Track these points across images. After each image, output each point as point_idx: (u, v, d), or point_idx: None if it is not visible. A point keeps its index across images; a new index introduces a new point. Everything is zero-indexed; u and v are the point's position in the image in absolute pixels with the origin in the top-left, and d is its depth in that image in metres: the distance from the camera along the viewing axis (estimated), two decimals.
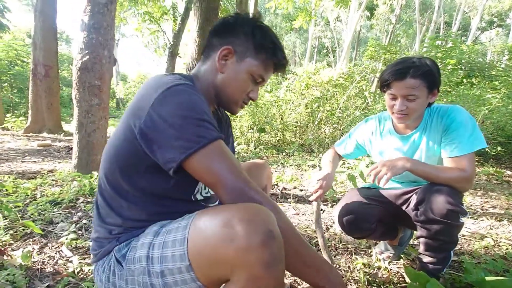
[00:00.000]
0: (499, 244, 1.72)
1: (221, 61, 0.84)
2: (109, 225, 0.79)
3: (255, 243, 0.55)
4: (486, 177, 3.61)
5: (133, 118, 0.72)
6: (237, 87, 0.85)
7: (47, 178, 2.67)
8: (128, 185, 0.76)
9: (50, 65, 6.66)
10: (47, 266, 1.31)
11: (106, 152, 0.81)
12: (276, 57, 0.86)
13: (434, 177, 1.13)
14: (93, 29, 2.50)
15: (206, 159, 0.68)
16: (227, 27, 0.86)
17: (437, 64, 1.16)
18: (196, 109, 0.70)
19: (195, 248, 0.61)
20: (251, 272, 0.56)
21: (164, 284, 0.66)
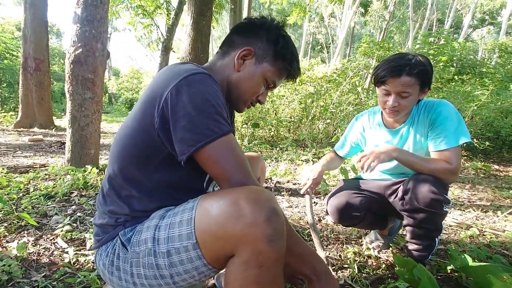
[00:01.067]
0: (483, 234, 1.79)
1: (239, 60, 0.86)
2: (114, 214, 0.80)
3: (260, 219, 0.59)
4: (474, 171, 3.71)
5: (150, 107, 0.73)
6: (249, 88, 0.88)
7: (40, 173, 2.65)
8: (143, 176, 0.77)
9: (41, 58, 6.55)
10: (43, 257, 1.33)
11: (118, 142, 0.81)
12: (292, 68, 0.90)
13: (420, 167, 1.18)
14: (86, 22, 2.48)
15: (214, 153, 0.70)
16: (252, 28, 0.88)
17: (431, 62, 1.19)
18: (211, 101, 0.71)
19: (202, 226, 0.65)
20: (255, 247, 0.59)
21: (170, 264, 0.68)
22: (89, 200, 2.04)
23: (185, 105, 0.69)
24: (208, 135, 0.69)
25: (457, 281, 1.25)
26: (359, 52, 7.80)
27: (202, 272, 0.69)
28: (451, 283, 1.25)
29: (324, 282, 0.77)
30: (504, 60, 9.51)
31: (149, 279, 0.72)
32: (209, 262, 0.67)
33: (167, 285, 0.73)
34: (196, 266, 0.68)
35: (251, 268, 0.60)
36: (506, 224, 1.98)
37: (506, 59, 9.91)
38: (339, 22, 17.59)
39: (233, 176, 0.71)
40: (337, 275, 1.28)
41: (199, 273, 0.69)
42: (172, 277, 0.70)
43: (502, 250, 1.57)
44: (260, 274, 0.60)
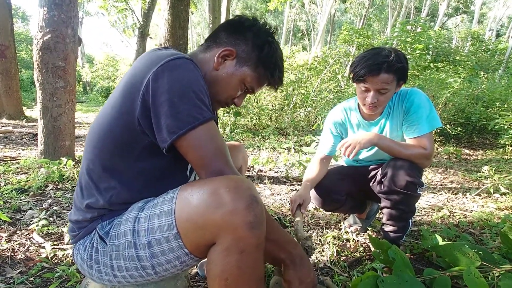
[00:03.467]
0: (453, 215, 1.90)
1: (220, 58, 0.83)
2: (92, 207, 0.77)
3: (241, 207, 0.60)
4: (447, 156, 3.89)
5: (130, 94, 0.70)
6: (225, 89, 0.85)
7: (11, 166, 2.53)
8: (123, 165, 0.75)
9: (5, 44, 6.12)
10: (18, 253, 1.28)
11: (95, 132, 0.77)
12: (273, 78, 0.88)
13: (398, 152, 1.23)
14: (54, 5, 2.33)
15: (195, 140, 0.69)
16: (240, 29, 0.85)
17: (406, 57, 1.21)
18: (193, 86, 0.69)
19: (182, 216, 0.64)
20: (236, 234, 0.60)
21: (151, 255, 0.68)
22: (65, 194, 1.97)
23: (166, 91, 0.67)
24: (189, 121, 0.68)
25: (428, 259, 1.34)
26: (339, 39, 7.86)
27: (184, 262, 0.70)
28: (423, 261, 1.33)
29: (299, 266, 0.80)
30: (475, 48, 9.88)
31: (130, 271, 0.72)
32: (191, 252, 0.67)
33: (149, 276, 0.73)
34: (178, 256, 0.68)
35: (232, 254, 0.61)
36: (473, 205, 2.11)
37: (478, 47, 10.31)
38: (320, 9, 17.54)
39: (212, 164, 0.70)
40: (317, 258, 1.33)
41: (180, 262, 0.70)
42: (153, 268, 0.70)
43: (469, 229, 1.68)
44: (241, 259, 0.61)
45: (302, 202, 1.29)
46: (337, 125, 1.46)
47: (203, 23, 22.91)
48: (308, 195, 1.34)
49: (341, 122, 1.45)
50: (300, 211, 1.28)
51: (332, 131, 1.48)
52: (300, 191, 1.34)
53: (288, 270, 0.80)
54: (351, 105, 1.43)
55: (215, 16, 9.59)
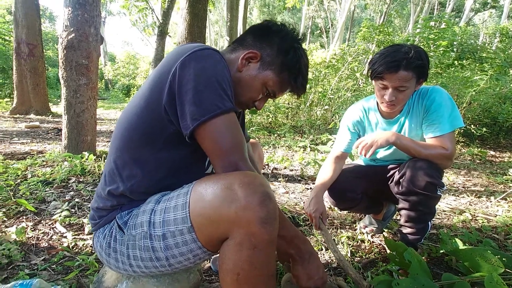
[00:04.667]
0: (476, 219, 1.82)
1: (244, 60, 0.84)
2: (113, 194, 0.80)
3: (254, 202, 0.60)
4: (470, 157, 3.73)
5: (158, 84, 0.73)
6: (247, 91, 0.86)
7: (37, 159, 2.65)
8: (149, 155, 0.78)
9: (34, 43, 6.41)
10: (42, 242, 1.35)
11: (124, 121, 0.81)
12: (296, 84, 0.88)
13: (416, 152, 1.19)
14: (78, 5, 2.42)
15: (214, 129, 0.70)
16: (267, 33, 0.86)
17: (427, 54, 1.17)
18: (218, 76, 0.71)
19: (196, 210, 0.66)
20: (248, 229, 0.61)
21: (166, 246, 0.70)
22: (87, 186, 2.05)
23: (192, 79, 0.69)
24: (212, 110, 0.69)
25: (447, 264, 1.29)
26: (358, 36, 7.68)
27: (197, 255, 0.71)
28: (441, 266, 1.28)
29: (307, 262, 0.80)
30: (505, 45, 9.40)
31: (145, 261, 0.74)
32: (204, 245, 0.68)
33: (163, 267, 0.75)
34: (191, 249, 0.69)
35: (244, 249, 0.61)
36: (498, 209, 2.01)
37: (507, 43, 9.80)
38: (339, 5, 17.21)
39: (228, 156, 0.71)
40: (330, 258, 1.31)
41: (194, 255, 0.71)
42: (167, 259, 0.72)
43: (492, 235, 1.61)
44: (253, 255, 0.61)
45: (322, 215, 1.29)
46: (355, 123, 1.43)
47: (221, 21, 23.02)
48: (323, 205, 1.32)
49: (359, 120, 1.42)
50: (324, 224, 1.28)
51: (349, 128, 1.44)
52: (315, 202, 1.31)
53: (297, 266, 0.80)
54: (370, 104, 1.40)
55: (233, 14, 9.64)
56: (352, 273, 1.07)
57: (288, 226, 0.81)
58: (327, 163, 1.45)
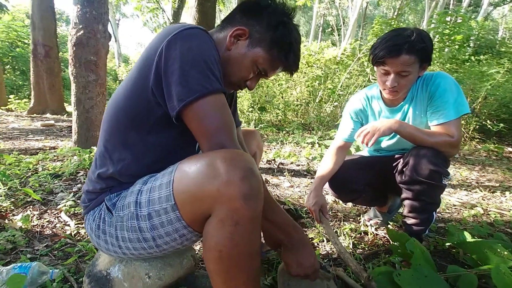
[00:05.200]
0: (488, 213, 1.74)
1: (232, 38, 0.82)
2: (102, 177, 0.80)
3: (236, 177, 0.58)
4: (486, 154, 3.59)
5: (145, 66, 0.72)
6: (237, 70, 0.84)
7: (49, 154, 2.73)
8: (138, 138, 0.77)
9: (50, 45, 6.61)
10: (46, 229, 1.38)
11: (112, 105, 0.80)
12: (287, 60, 0.85)
13: (421, 140, 1.14)
14: (87, 2, 2.47)
15: (201, 109, 0.69)
16: (255, 8, 0.83)
17: (430, 37, 1.12)
18: (204, 56, 0.70)
19: (180, 188, 0.65)
20: (230, 205, 0.59)
21: (151, 226, 0.69)
22: None
23: (178, 59, 0.68)
24: (198, 90, 0.68)
25: (454, 257, 1.24)
26: (370, 33, 7.54)
27: (183, 235, 0.70)
28: (448, 259, 1.23)
29: (298, 250, 0.78)
30: None
31: (133, 242, 0.74)
32: (189, 224, 0.67)
33: (151, 249, 0.74)
34: (176, 228, 0.68)
35: (226, 225, 0.60)
36: None
37: None
38: (351, 3, 16.97)
39: (214, 136, 0.69)
40: (331, 250, 1.28)
41: (180, 236, 0.70)
42: (154, 240, 0.71)
43: (505, 229, 1.53)
44: (235, 231, 0.60)
45: (322, 208, 1.26)
46: (358, 112, 1.39)
47: None
48: (323, 198, 1.29)
49: (362, 109, 1.38)
50: (325, 217, 1.26)
51: (352, 117, 1.40)
52: (314, 196, 1.29)
53: (287, 253, 0.79)
54: (373, 92, 1.36)
55: None
56: (352, 265, 1.04)
57: (279, 211, 0.79)
58: (327, 154, 1.42)
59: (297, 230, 0.80)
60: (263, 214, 0.75)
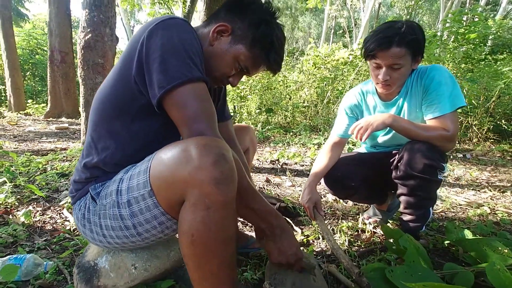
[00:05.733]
0: (495, 213, 1.67)
1: (215, 33, 0.83)
2: (87, 167, 0.82)
3: (207, 163, 0.59)
4: (500, 154, 3.45)
5: (128, 56, 0.75)
6: (219, 65, 0.85)
7: (59, 155, 2.82)
8: (121, 127, 0.79)
9: (65, 51, 6.85)
10: (47, 225, 1.42)
11: (99, 95, 0.83)
12: (268, 59, 0.85)
13: (416, 134, 1.12)
14: (94, 7, 2.55)
15: (180, 97, 0.70)
16: (239, 6, 0.84)
17: (422, 29, 1.11)
18: (185, 45, 0.71)
19: (155, 174, 0.66)
20: (202, 189, 0.59)
21: (131, 214, 0.70)
22: None
23: (159, 47, 0.69)
24: (178, 77, 0.69)
25: (454, 255, 1.19)
26: None
27: (163, 223, 0.71)
28: (447, 257, 1.19)
29: (279, 238, 0.78)
30: None
31: (116, 231, 0.75)
32: (166, 211, 0.68)
33: (133, 237, 0.75)
34: (155, 215, 0.69)
35: (198, 210, 0.60)
36: None
37: None
38: (362, 4, 16.80)
39: (194, 123, 0.70)
40: (326, 246, 1.26)
41: (159, 223, 0.71)
42: (135, 228, 0.72)
43: (511, 228, 1.47)
44: (207, 216, 0.60)
45: (316, 205, 1.26)
46: (353, 107, 1.38)
47: None
48: (317, 195, 1.29)
49: (356, 104, 1.37)
50: (319, 214, 1.26)
51: (347, 112, 1.39)
52: (308, 192, 1.29)
53: (268, 241, 0.78)
54: (369, 87, 1.34)
55: None
56: (345, 261, 1.03)
57: (259, 199, 0.79)
58: (322, 151, 1.41)
59: (277, 218, 0.80)
60: (243, 202, 0.75)
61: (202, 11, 4.16)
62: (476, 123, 3.99)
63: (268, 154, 3.28)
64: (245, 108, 5.33)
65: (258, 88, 5.14)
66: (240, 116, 5.36)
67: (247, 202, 0.75)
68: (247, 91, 5.32)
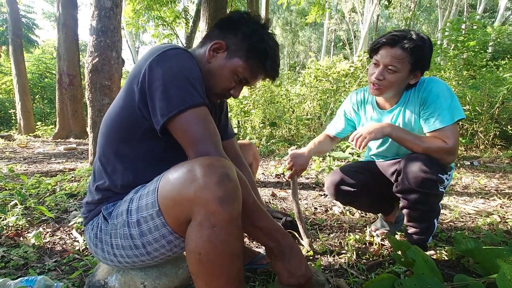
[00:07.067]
0: (506, 221, 1.65)
1: (211, 52, 0.88)
2: (101, 190, 0.86)
3: (211, 182, 0.61)
4: (508, 160, 3.41)
5: (131, 85, 0.79)
6: (219, 81, 0.89)
7: (67, 175, 2.86)
8: (128, 149, 0.83)
9: (73, 74, 7.06)
10: (57, 246, 1.44)
11: (106, 120, 0.88)
12: (264, 67, 0.89)
13: (414, 146, 1.11)
14: (101, 32, 2.66)
15: (184, 122, 0.74)
16: (230, 23, 0.90)
17: (431, 43, 1.12)
18: (185, 73, 0.76)
19: (163, 193, 0.68)
20: (207, 208, 0.61)
21: (140, 233, 0.72)
22: None
23: (160, 77, 0.74)
24: (179, 105, 0.73)
25: (464, 266, 1.17)
26: None
27: (171, 241, 0.72)
28: (457, 268, 1.17)
29: (288, 258, 0.78)
30: None
31: (126, 250, 0.77)
32: (174, 230, 0.70)
33: (142, 256, 0.77)
34: (163, 234, 0.71)
35: (204, 228, 0.62)
36: None
37: None
38: (361, 16, 17.11)
39: (200, 145, 0.73)
40: (334, 260, 1.25)
41: (168, 242, 0.72)
42: (144, 247, 0.74)
43: None
44: (212, 234, 0.62)
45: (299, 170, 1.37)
46: (351, 110, 1.43)
47: None
48: (306, 162, 1.39)
49: (354, 108, 1.41)
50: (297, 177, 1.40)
51: (346, 113, 1.46)
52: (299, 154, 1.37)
53: (277, 261, 0.79)
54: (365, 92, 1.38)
55: None
56: (302, 227, 1.29)
57: (266, 217, 0.80)
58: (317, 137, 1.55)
59: (285, 237, 0.81)
60: (250, 221, 0.77)
61: (204, 31, 4.30)
62: (481, 129, 3.97)
63: (273, 168, 3.29)
64: (249, 123, 5.38)
65: (261, 103, 5.21)
66: (244, 131, 5.40)
67: (253, 220, 0.77)
68: (250, 105, 5.39)
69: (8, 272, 1.17)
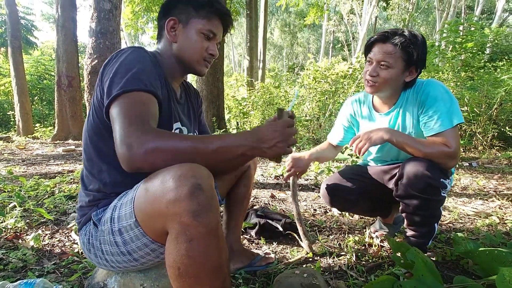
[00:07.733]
0: (504, 222, 1.65)
1: (170, 32, 0.91)
2: (91, 192, 0.85)
3: (182, 194, 0.58)
4: (506, 161, 3.43)
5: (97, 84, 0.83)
6: (193, 49, 0.91)
7: (66, 177, 2.86)
8: (106, 147, 0.82)
9: (72, 76, 7.05)
10: (56, 248, 1.43)
11: (85, 125, 0.88)
12: (215, 7, 0.92)
13: (415, 150, 1.09)
14: (100, 34, 2.66)
15: (116, 108, 0.71)
16: (165, 6, 0.94)
17: (425, 42, 1.12)
18: (131, 65, 0.76)
19: (138, 205, 0.67)
20: (181, 222, 0.59)
21: (124, 241, 0.72)
22: None
23: (110, 72, 0.76)
24: (113, 93, 0.72)
25: (463, 268, 1.18)
26: None
27: (155, 249, 0.72)
28: (457, 270, 1.17)
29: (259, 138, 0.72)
30: None
31: (115, 256, 0.77)
32: (154, 239, 0.69)
33: (131, 262, 0.77)
34: (145, 243, 0.70)
35: (181, 242, 0.59)
36: None
37: None
38: (359, 18, 17.17)
39: (123, 131, 0.67)
40: (333, 262, 1.25)
41: (151, 250, 0.72)
42: (130, 254, 0.74)
43: None
44: (190, 248, 0.59)
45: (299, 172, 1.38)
46: (349, 115, 1.43)
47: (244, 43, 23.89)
48: (307, 165, 1.39)
49: (353, 114, 1.41)
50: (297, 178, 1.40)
51: (343, 122, 1.46)
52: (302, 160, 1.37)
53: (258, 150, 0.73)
54: (366, 96, 1.37)
55: (252, 35, 9.99)
56: (302, 229, 1.29)
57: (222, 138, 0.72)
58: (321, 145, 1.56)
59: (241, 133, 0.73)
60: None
61: None
62: (480, 130, 3.98)
63: (273, 169, 3.30)
64: (248, 124, 5.39)
65: (260, 104, 5.22)
66: None
67: None
68: (249, 107, 5.40)
69: (7, 275, 1.16)
